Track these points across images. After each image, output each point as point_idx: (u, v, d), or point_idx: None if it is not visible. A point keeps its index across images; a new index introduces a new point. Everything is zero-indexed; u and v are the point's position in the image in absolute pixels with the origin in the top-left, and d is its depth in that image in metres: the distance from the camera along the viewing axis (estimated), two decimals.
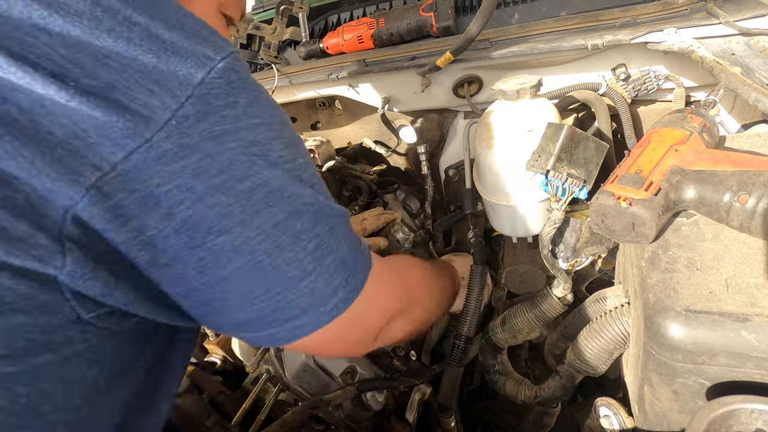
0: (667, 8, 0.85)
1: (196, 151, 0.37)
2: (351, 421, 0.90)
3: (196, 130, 0.37)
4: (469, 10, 1.09)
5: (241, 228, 0.40)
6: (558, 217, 0.73)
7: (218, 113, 0.38)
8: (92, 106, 0.33)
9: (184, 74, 0.36)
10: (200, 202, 0.38)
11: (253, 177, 0.40)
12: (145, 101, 0.35)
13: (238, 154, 0.39)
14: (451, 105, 1.12)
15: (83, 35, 0.34)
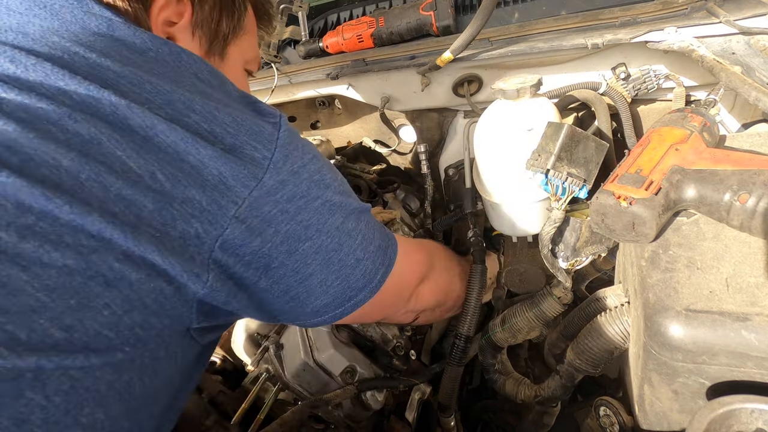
0: (668, 7, 0.85)
1: (286, 183, 0.50)
2: (351, 420, 0.90)
3: (283, 169, 0.49)
4: (468, 9, 1.09)
5: (318, 234, 0.53)
6: (558, 216, 0.73)
7: (292, 155, 0.51)
8: (227, 160, 0.45)
9: (269, 132, 0.49)
10: (293, 219, 0.50)
11: (321, 196, 0.53)
12: (252, 155, 0.47)
13: (309, 182, 0.52)
14: (451, 104, 1.12)
15: (214, 110, 0.46)
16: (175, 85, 0.45)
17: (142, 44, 0.47)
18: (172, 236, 0.42)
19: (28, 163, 0.37)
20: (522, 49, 0.91)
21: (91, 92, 0.40)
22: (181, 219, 0.42)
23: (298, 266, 0.52)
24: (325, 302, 0.57)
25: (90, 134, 0.39)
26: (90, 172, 0.38)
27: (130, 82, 0.42)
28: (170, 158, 0.42)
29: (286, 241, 0.50)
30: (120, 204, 0.40)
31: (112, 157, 0.39)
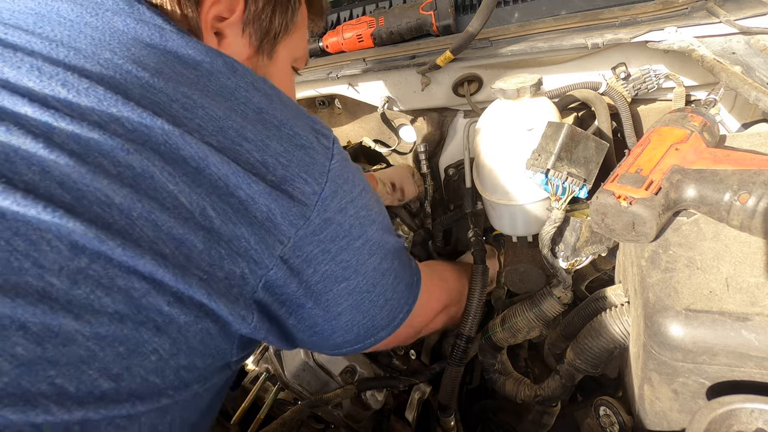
0: (668, 7, 0.85)
1: (331, 222, 0.47)
2: (350, 420, 0.90)
3: (331, 206, 0.47)
4: (469, 9, 1.09)
5: (355, 275, 0.51)
6: (558, 216, 0.73)
7: (341, 189, 0.49)
8: (277, 196, 0.43)
9: (321, 163, 0.47)
10: (333, 260, 0.49)
11: (363, 236, 0.52)
12: (302, 189, 0.45)
13: (354, 219, 0.50)
14: (451, 104, 1.12)
15: (266, 138, 0.44)
16: (228, 109, 0.43)
17: (195, 57, 0.44)
18: (219, 277, 0.41)
19: (80, 201, 0.35)
20: (522, 49, 0.91)
21: (144, 120, 0.38)
22: (228, 258, 0.41)
23: (329, 306, 0.51)
24: (347, 339, 0.56)
25: (142, 167, 0.37)
26: (142, 209, 0.37)
27: (183, 107, 0.40)
28: (221, 192, 0.40)
29: (322, 281, 0.49)
30: (171, 244, 0.38)
31: (164, 191, 0.38)
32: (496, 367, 0.88)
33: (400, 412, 0.96)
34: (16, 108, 0.35)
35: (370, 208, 0.53)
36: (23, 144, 0.34)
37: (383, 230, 0.55)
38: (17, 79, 0.36)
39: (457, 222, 1.13)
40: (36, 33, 0.39)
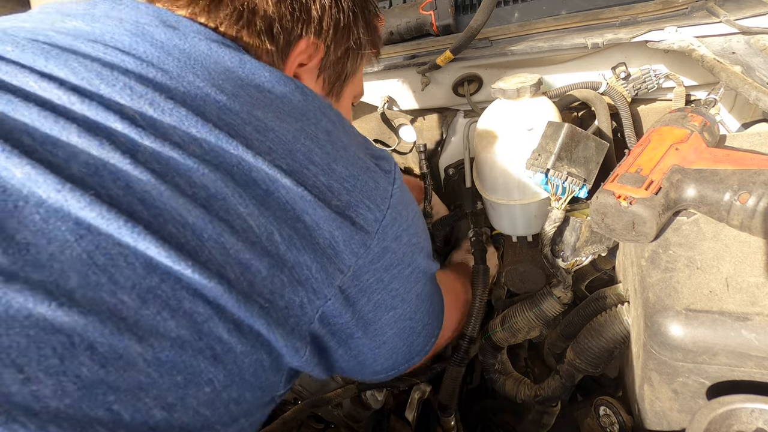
0: (668, 7, 0.85)
1: (388, 251, 0.47)
2: (350, 419, 0.90)
3: (389, 234, 0.47)
4: (468, 9, 1.09)
5: (402, 304, 0.51)
6: (558, 216, 0.73)
7: (400, 216, 0.49)
8: (341, 223, 0.42)
9: (384, 188, 0.47)
10: (385, 289, 0.48)
11: (412, 264, 0.51)
12: (365, 216, 0.44)
13: (406, 247, 0.50)
14: (451, 104, 1.12)
15: (332, 163, 0.44)
16: (298, 131, 0.43)
17: (270, 80, 0.45)
18: (279, 306, 0.40)
19: (157, 218, 0.34)
20: (522, 49, 0.90)
21: (220, 142, 0.38)
22: (289, 287, 0.40)
23: (377, 335, 0.50)
24: (385, 366, 0.56)
25: (215, 188, 0.37)
26: (212, 231, 0.36)
27: (256, 129, 0.40)
28: (287, 216, 0.40)
29: (373, 310, 0.48)
30: (237, 269, 0.37)
31: (235, 214, 0.37)
32: (496, 366, 0.88)
33: (400, 412, 0.96)
34: (108, 123, 0.36)
35: (420, 235, 0.54)
36: (111, 159, 0.34)
37: (427, 256, 0.56)
38: (111, 96, 0.37)
39: (457, 222, 1.13)
40: (130, 53, 0.41)
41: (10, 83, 0.36)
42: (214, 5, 0.48)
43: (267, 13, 0.50)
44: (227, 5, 0.48)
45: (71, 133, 0.34)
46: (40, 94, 0.36)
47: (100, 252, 0.32)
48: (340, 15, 0.57)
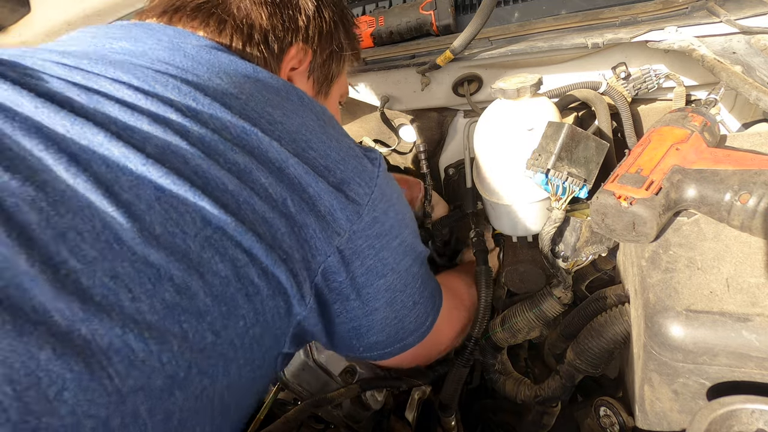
0: (668, 7, 0.85)
1: (377, 221, 0.55)
2: (350, 420, 0.90)
3: (378, 207, 0.55)
4: (468, 9, 1.08)
5: (391, 272, 0.58)
6: (558, 216, 0.73)
7: (386, 194, 0.57)
8: (337, 194, 0.51)
9: (371, 170, 0.56)
10: (376, 255, 0.55)
11: (399, 236, 0.59)
12: (357, 191, 0.53)
13: (393, 220, 0.58)
14: (451, 104, 1.12)
15: (327, 149, 0.54)
16: (299, 125, 0.53)
17: (276, 87, 0.55)
18: (294, 258, 0.48)
19: (208, 184, 0.44)
20: (522, 49, 0.90)
21: (245, 128, 0.48)
22: (301, 242, 0.49)
23: (369, 300, 0.56)
24: (379, 339, 0.61)
25: (244, 163, 0.46)
26: (246, 195, 0.45)
27: (268, 122, 0.50)
28: (296, 188, 0.49)
29: (366, 274, 0.55)
30: (264, 225, 0.46)
31: (258, 184, 0.47)
32: (496, 367, 0.88)
33: (400, 412, 0.96)
34: (166, 114, 0.45)
35: (405, 213, 0.62)
36: (173, 141, 0.44)
37: (414, 235, 0.64)
38: (164, 94, 0.47)
39: (457, 222, 1.13)
40: (171, 63, 0.51)
41: (95, 87, 0.45)
42: (221, 25, 0.60)
43: (262, 26, 0.62)
44: (230, 24, 0.60)
45: (143, 122, 0.44)
46: (116, 94, 0.45)
47: (173, 209, 0.42)
48: (323, 23, 0.68)
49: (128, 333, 0.37)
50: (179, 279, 0.40)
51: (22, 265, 0.34)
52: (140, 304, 0.38)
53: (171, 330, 0.39)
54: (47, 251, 0.35)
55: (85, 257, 0.36)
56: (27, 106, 0.41)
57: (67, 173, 0.39)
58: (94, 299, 0.36)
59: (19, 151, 0.38)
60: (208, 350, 0.42)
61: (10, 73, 0.43)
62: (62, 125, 0.41)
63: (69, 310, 0.35)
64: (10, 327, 0.32)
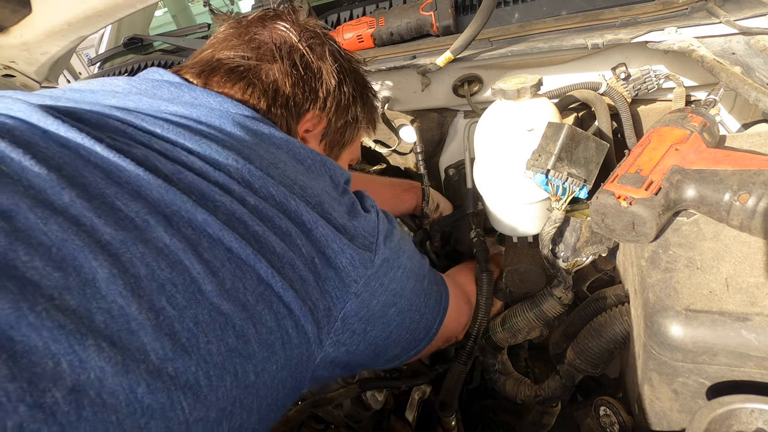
0: (668, 7, 0.85)
1: (386, 261, 0.61)
2: (351, 420, 0.90)
3: (384, 250, 0.62)
4: (469, 9, 1.09)
5: (400, 299, 0.64)
6: (558, 216, 0.73)
7: (388, 237, 0.63)
8: (353, 248, 0.57)
9: (373, 220, 0.63)
10: (387, 290, 0.62)
11: (401, 266, 0.65)
12: (367, 240, 0.60)
13: (396, 254, 0.64)
14: (451, 104, 1.12)
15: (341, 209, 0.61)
16: (321, 190, 0.60)
17: (303, 156, 0.62)
18: (319, 308, 0.54)
19: (262, 247, 0.50)
20: (522, 49, 0.91)
21: (285, 195, 0.54)
22: (324, 293, 0.54)
23: (384, 327, 0.63)
24: (395, 353, 0.69)
25: (286, 227, 0.53)
26: (288, 257, 0.51)
27: (300, 188, 0.57)
28: (322, 246, 0.55)
29: (380, 308, 0.61)
30: (299, 282, 0.52)
31: (296, 245, 0.53)
32: (496, 367, 0.88)
33: (400, 412, 0.96)
34: (230, 185, 0.51)
35: (402, 243, 0.67)
36: (237, 209, 0.50)
37: (412, 258, 0.69)
38: (226, 164, 0.53)
39: (456, 222, 1.13)
40: (223, 131, 0.57)
41: (173, 157, 0.51)
42: (250, 88, 0.66)
43: (285, 92, 0.68)
44: (258, 87, 0.67)
45: (215, 193, 0.50)
46: (192, 165, 0.51)
47: (238, 268, 0.48)
48: (341, 97, 0.74)
49: (200, 371, 0.42)
50: (239, 327, 0.46)
51: (133, 312, 0.40)
52: (211, 346, 0.44)
53: (228, 369, 0.45)
54: (151, 300, 0.41)
55: (177, 305, 0.43)
56: (130, 172, 0.46)
57: (165, 233, 0.45)
58: (181, 341, 0.42)
59: (128, 212, 0.44)
60: (249, 388, 0.47)
61: (103, 137, 0.49)
62: (157, 191, 0.46)
63: (162, 349, 0.40)
64: (120, 366, 0.37)
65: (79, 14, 1.03)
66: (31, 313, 0.35)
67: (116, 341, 0.38)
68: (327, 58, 0.73)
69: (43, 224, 0.40)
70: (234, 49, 0.69)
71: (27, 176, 0.42)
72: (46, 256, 0.38)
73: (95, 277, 0.39)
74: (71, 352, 0.36)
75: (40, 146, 0.45)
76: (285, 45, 0.70)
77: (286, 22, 0.72)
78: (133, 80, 0.62)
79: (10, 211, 0.39)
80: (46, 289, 0.37)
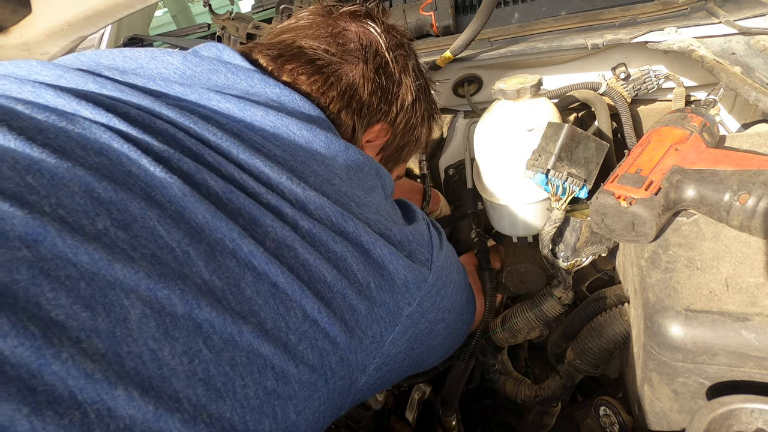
0: (668, 7, 0.85)
1: (438, 278, 0.59)
2: (351, 420, 0.90)
3: (437, 266, 0.59)
4: (468, 10, 1.09)
5: (449, 314, 0.63)
6: (558, 216, 0.73)
7: (440, 251, 0.61)
8: (410, 267, 0.54)
9: (426, 234, 0.60)
10: (437, 307, 0.59)
11: (452, 282, 0.63)
12: (422, 257, 0.57)
13: (448, 270, 0.62)
14: (451, 104, 1.12)
15: (397, 222, 0.59)
16: (377, 204, 0.57)
17: (360, 164, 0.58)
18: (368, 335, 0.51)
19: (312, 277, 0.47)
20: (522, 50, 0.91)
21: (342, 215, 0.51)
22: (375, 320, 0.51)
23: (430, 342, 0.61)
24: (435, 360, 0.67)
25: (341, 252, 0.49)
26: (339, 285, 0.48)
27: (358, 205, 0.54)
28: (379, 268, 0.52)
29: (429, 325, 0.59)
30: (349, 312, 0.49)
31: (351, 271, 0.50)
32: (496, 367, 0.88)
33: (400, 412, 0.96)
34: (282, 208, 0.47)
35: (451, 256, 0.65)
36: (288, 236, 0.46)
37: (459, 270, 0.67)
38: (278, 184, 0.49)
39: (456, 222, 1.13)
40: (277, 144, 0.52)
41: (225, 174, 0.47)
42: (327, 87, 0.62)
43: (362, 98, 0.65)
44: (336, 88, 0.62)
45: (266, 217, 0.46)
46: (244, 185, 0.47)
47: (282, 304, 0.45)
48: (412, 115, 0.72)
49: (235, 416, 0.40)
50: (279, 368, 0.43)
51: (166, 356, 0.37)
52: (248, 390, 0.41)
53: (266, 413, 0.42)
54: (187, 342, 0.38)
55: (214, 347, 0.40)
56: (176, 191, 0.42)
57: (206, 269, 0.41)
58: (215, 386, 0.39)
59: (169, 241, 0.40)
60: (290, 428, 0.45)
61: (150, 146, 0.44)
62: (203, 216, 0.42)
63: (196, 396, 0.38)
64: (152, 415, 0.35)
65: (79, 14, 1.03)
66: (56, 360, 0.32)
67: (147, 388, 0.35)
68: (410, 72, 0.70)
69: (72, 254, 0.35)
70: (318, 39, 0.64)
71: (58, 193, 0.37)
72: (74, 292, 0.34)
73: (127, 317, 0.36)
74: (99, 401, 0.33)
75: (77, 154, 0.40)
76: (371, 48, 0.65)
77: (376, 25, 0.67)
78: (188, 58, 0.56)
79: (36, 235, 0.34)
80: (72, 330, 0.33)
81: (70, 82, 0.48)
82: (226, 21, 1.19)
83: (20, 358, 0.30)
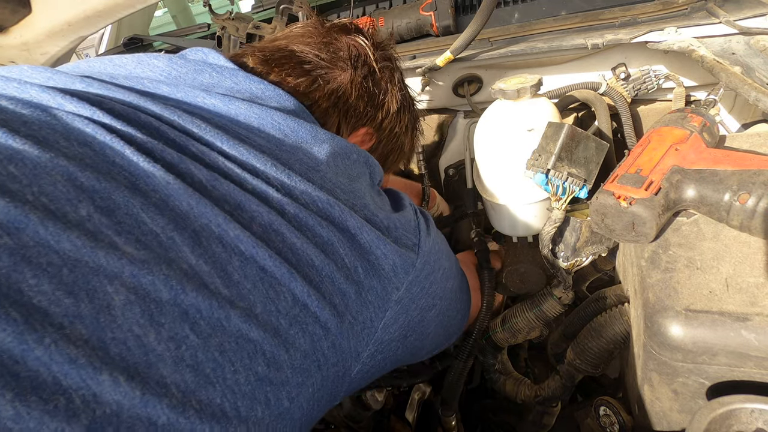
0: (668, 7, 0.85)
1: (427, 263, 0.59)
2: (351, 420, 0.90)
3: (425, 250, 0.59)
4: (469, 10, 1.09)
5: (439, 300, 0.63)
6: (558, 216, 0.73)
7: (428, 236, 0.62)
8: (397, 252, 0.55)
9: (413, 220, 0.61)
10: (427, 293, 0.60)
11: (441, 267, 0.63)
12: (409, 241, 0.58)
13: (437, 255, 0.62)
14: (451, 104, 1.12)
15: (384, 207, 0.60)
16: (364, 190, 0.58)
17: (346, 152, 0.58)
18: (358, 321, 0.51)
19: (300, 261, 0.47)
20: (522, 49, 0.91)
21: (328, 201, 0.51)
22: (365, 305, 0.51)
23: (423, 330, 0.61)
24: (431, 350, 0.68)
25: (328, 236, 0.49)
26: (328, 270, 0.48)
27: (343, 191, 0.54)
28: (366, 253, 0.52)
29: (420, 312, 0.59)
30: (338, 296, 0.49)
31: (338, 255, 0.50)
32: (496, 367, 0.88)
33: (400, 413, 0.96)
34: (268, 193, 0.48)
35: (440, 242, 0.66)
36: (275, 220, 0.46)
37: (449, 257, 0.68)
38: (264, 171, 0.49)
39: (456, 222, 1.13)
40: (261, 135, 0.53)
41: (209, 162, 0.47)
42: (314, 87, 0.64)
43: (349, 100, 0.67)
44: (322, 88, 0.65)
45: (251, 203, 0.46)
46: (229, 172, 0.48)
47: (272, 288, 0.44)
48: (397, 123, 0.75)
49: (226, 402, 0.39)
50: (270, 353, 0.43)
51: (151, 342, 0.36)
52: (239, 376, 0.41)
53: (258, 399, 0.42)
54: (173, 328, 0.38)
55: (202, 333, 0.39)
56: (159, 179, 0.42)
57: (192, 254, 0.41)
58: (204, 372, 0.39)
59: (153, 227, 0.40)
60: (283, 414, 0.45)
61: (134, 136, 0.44)
62: (187, 203, 0.42)
63: (183, 382, 0.37)
64: (138, 400, 0.35)
65: (79, 14, 1.03)
66: (39, 346, 0.31)
67: (133, 374, 0.35)
68: (396, 83, 0.73)
69: (54, 241, 0.35)
70: (310, 45, 0.67)
71: (40, 182, 0.37)
72: (56, 279, 0.34)
73: (110, 304, 0.35)
74: (84, 387, 0.32)
75: (61, 144, 0.40)
76: (360, 57, 0.69)
77: (366, 38, 0.71)
78: (174, 61, 0.57)
79: (17, 223, 0.34)
80: (55, 317, 0.33)
81: (58, 83, 0.48)
82: (226, 21, 1.19)
83: (2, 343, 0.30)
